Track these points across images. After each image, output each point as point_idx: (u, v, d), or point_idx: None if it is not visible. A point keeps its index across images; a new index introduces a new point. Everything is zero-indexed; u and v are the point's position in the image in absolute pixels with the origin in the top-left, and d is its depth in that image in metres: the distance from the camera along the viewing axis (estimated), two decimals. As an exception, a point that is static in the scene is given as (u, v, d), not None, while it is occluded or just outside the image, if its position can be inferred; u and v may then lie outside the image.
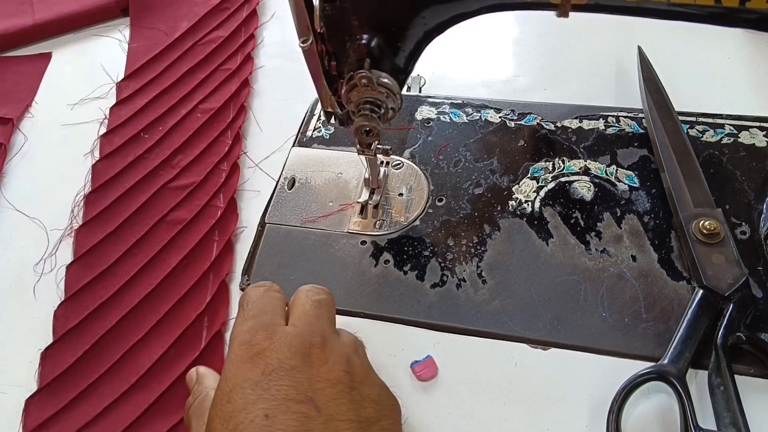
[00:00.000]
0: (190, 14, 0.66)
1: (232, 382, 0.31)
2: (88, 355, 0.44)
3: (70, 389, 0.42)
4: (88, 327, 0.45)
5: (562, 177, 0.48)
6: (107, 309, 0.46)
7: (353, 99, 0.40)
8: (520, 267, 0.44)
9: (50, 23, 0.66)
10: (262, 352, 0.32)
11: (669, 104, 0.49)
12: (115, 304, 0.46)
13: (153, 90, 0.60)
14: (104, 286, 0.47)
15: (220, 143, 0.55)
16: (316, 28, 0.37)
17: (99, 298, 0.46)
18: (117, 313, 0.45)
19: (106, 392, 0.42)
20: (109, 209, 0.51)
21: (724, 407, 0.36)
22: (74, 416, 0.41)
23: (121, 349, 0.44)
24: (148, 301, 0.46)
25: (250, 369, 0.32)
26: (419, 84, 0.56)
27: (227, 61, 0.62)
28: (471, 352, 0.41)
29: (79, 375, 0.43)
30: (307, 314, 0.35)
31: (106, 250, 0.49)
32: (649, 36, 0.55)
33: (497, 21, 0.62)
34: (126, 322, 0.45)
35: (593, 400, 0.38)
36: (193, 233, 0.49)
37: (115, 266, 0.48)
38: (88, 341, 0.44)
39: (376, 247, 0.47)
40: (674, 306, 0.41)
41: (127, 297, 0.46)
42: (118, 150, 0.55)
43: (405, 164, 0.51)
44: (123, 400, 0.42)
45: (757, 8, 0.32)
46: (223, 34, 0.64)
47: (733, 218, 0.44)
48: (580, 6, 0.34)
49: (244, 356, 0.32)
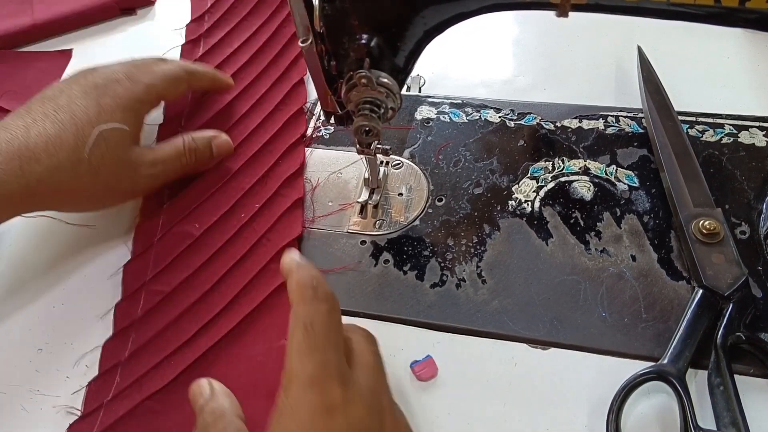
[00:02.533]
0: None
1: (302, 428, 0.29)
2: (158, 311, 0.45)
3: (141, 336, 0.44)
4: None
5: (562, 177, 0.48)
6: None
7: (353, 99, 0.40)
8: (520, 267, 0.44)
9: (50, 23, 0.66)
10: (340, 407, 0.29)
11: (669, 104, 0.49)
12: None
13: None
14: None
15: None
16: (316, 28, 0.37)
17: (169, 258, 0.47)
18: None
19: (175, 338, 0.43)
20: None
21: (724, 407, 0.36)
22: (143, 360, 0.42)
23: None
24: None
25: (327, 423, 0.29)
26: (419, 84, 0.56)
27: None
28: (471, 352, 0.41)
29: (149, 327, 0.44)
30: (373, 368, 0.33)
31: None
32: (649, 36, 0.55)
33: (497, 21, 0.62)
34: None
35: (593, 400, 0.38)
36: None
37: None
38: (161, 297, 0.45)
39: (376, 247, 0.47)
40: (674, 306, 0.41)
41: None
42: None
43: (405, 164, 0.51)
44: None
45: (757, 8, 0.32)
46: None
47: (733, 218, 0.44)
48: (580, 6, 0.34)
49: (317, 405, 0.29)
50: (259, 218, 0.48)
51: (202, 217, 0.49)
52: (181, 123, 0.55)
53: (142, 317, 0.44)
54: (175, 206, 0.50)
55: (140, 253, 0.48)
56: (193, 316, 0.44)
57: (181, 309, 0.44)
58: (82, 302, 0.46)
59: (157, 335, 0.43)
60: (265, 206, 0.49)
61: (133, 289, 0.46)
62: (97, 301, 0.46)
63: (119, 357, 0.43)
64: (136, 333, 0.44)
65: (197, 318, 0.43)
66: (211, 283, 0.45)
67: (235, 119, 0.55)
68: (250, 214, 0.48)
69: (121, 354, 0.43)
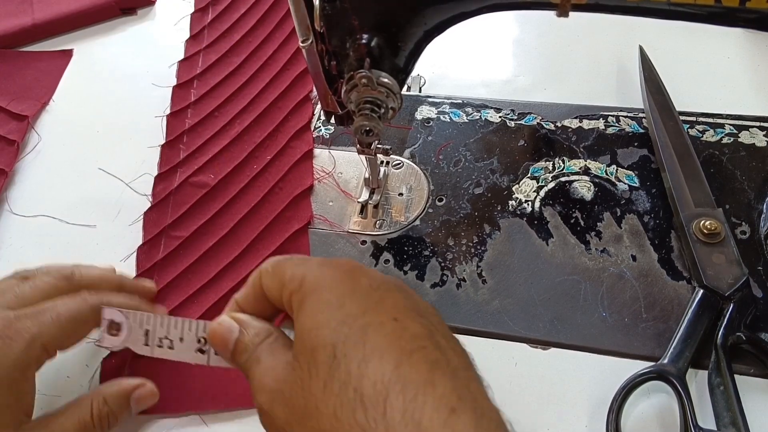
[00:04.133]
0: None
1: (336, 293, 0.28)
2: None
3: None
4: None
5: (562, 177, 0.48)
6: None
7: (353, 99, 0.40)
8: (520, 267, 0.44)
9: (50, 23, 0.66)
10: (357, 269, 0.30)
11: (670, 104, 0.49)
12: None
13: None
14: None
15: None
16: (316, 28, 0.37)
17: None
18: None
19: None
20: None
21: (724, 407, 0.36)
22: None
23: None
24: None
25: (352, 281, 0.29)
26: (419, 84, 0.56)
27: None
28: (471, 352, 0.41)
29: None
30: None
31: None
32: (650, 36, 0.55)
33: (497, 21, 0.62)
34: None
35: (593, 400, 0.38)
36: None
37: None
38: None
39: (376, 247, 0.47)
40: (674, 306, 0.41)
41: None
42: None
43: (405, 164, 0.51)
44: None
45: (757, 8, 0.32)
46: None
47: (734, 218, 0.44)
48: (580, 6, 0.34)
49: (335, 272, 0.29)
50: (271, 168, 0.52)
51: (217, 168, 0.52)
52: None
53: (163, 259, 0.47)
54: (190, 158, 0.53)
55: (159, 201, 0.51)
56: (212, 259, 0.47)
57: (198, 254, 0.47)
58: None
59: (180, 276, 0.46)
60: (276, 158, 0.52)
61: (153, 234, 0.49)
62: (109, 255, 0.48)
63: None
64: (159, 275, 0.46)
65: (217, 261, 0.47)
66: (227, 228, 0.48)
67: (245, 79, 0.58)
68: (262, 165, 0.52)
69: None
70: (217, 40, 0.63)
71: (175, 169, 0.53)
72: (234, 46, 0.62)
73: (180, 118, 0.57)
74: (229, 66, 0.60)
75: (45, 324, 0.35)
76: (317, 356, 0.26)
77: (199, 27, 0.64)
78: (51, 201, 0.53)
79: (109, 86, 0.61)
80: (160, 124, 0.56)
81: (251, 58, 0.60)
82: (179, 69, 0.61)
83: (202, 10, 0.66)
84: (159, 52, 0.63)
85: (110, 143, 0.57)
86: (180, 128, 0.56)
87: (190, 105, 0.57)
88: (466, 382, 0.26)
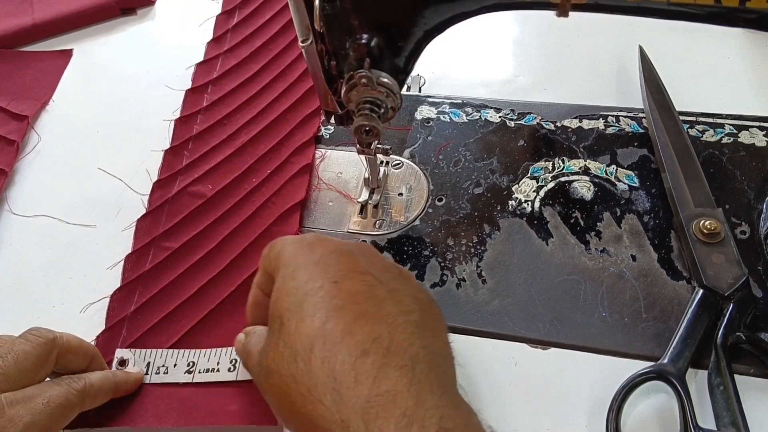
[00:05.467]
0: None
1: (292, 265, 0.33)
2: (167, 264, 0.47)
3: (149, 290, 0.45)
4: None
5: (562, 177, 0.48)
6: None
7: (353, 99, 0.40)
8: (520, 267, 0.44)
9: (50, 23, 0.66)
10: (317, 241, 0.34)
11: (670, 104, 0.49)
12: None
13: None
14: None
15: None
16: (316, 28, 0.37)
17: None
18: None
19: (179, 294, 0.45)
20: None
21: (724, 407, 0.36)
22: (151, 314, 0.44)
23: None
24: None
25: (309, 253, 0.33)
26: (419, 84, 0.56)
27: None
28: (471, 352, 0.41)
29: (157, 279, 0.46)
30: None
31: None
32: (649, 36, 0.55)
33: (497, 21, 0.62)
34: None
35: (593, 400, 0.38)
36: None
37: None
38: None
39: (376, 247, 0.46)
40: (674, 306, 0.41)
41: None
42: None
43: (405, 164, 0.51)
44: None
45: (757, 8, 0.32)
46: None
47: (733, 218, 0.44)
48: (580, 6, 0.34)
49: (299, 246, 0.34)
50: (268, 183, 0.50)
51: (216, 178, 0.51)
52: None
53: (149, 271, 0.46)
54: (192, 166, 0.52)
55: (154, 208, 0.50)
56: (195, 274, 0.46)
57: (184, 266, 0.46)
58: (82, 302, 0.46)
59: (162, 291, 0.45)
60: (275, 172, 0.51)
61: (143, 243, 0.48)
62: (109, 255, 0.48)
63: (126, 310, 0.44)
64: (143, 287, 0.46)
65: (199, 277, 0.45)
66: (215, 242, 0.47)
67: (260, 87, 0.57)
68: (261, 179, 0.51)
69: (127, 307, 0.44)
70: (238, 44, 0.61)
71: (175, 176, 0.52)
72: (254, 53, 0.60)
73: (189, 123, 0.55)
74: (246, 72, 0.59)
75: (37, 411, 0.34)
76: (274, 324, 0.32)
77: (222, 29, 0.63)
78: (51, 201, 0.53)
79: (109, 86, 0.61)
80: (158, 126, 0.56)
81: (269, 66, 0.59)
82: (196, 72, 0.60)
83: (228, 13, 0.64)
84: (159, 52, 0.63)
85: (110, 143, 0.57)
86: (187, 134, 0.55)
87: (201, 110, 0.56)
88: (391, 327, 0.30)
